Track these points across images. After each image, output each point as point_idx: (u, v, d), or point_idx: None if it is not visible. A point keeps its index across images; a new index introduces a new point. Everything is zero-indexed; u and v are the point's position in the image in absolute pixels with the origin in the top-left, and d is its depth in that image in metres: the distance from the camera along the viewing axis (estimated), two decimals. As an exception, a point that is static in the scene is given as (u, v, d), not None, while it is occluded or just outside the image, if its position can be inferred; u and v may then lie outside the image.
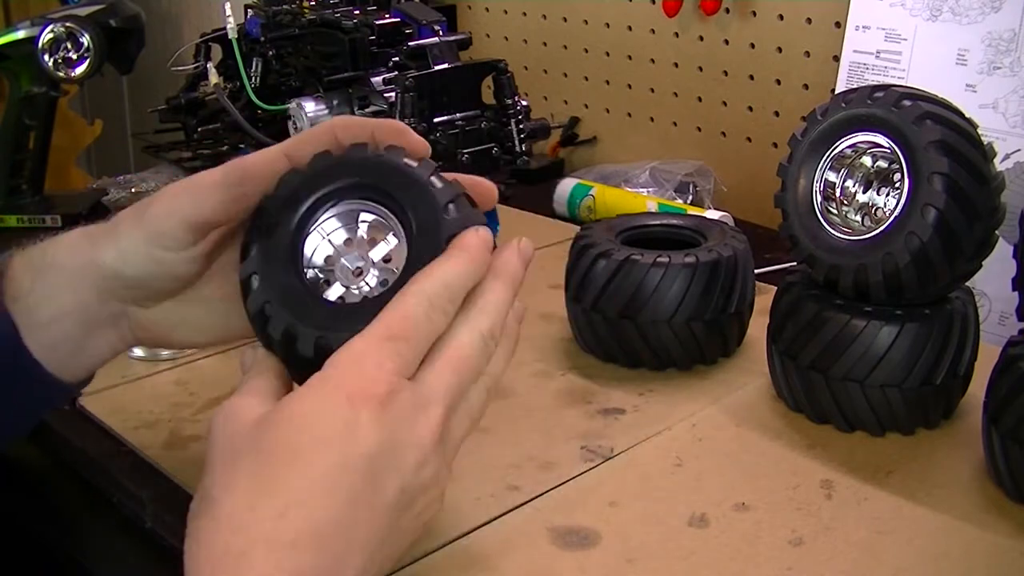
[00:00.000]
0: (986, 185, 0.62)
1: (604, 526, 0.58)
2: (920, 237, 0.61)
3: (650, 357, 0.75)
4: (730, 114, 1.17)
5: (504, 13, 1.42)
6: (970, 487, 0.61)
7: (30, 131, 1.10)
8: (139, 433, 0.68)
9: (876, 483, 0.62)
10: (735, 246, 0.75)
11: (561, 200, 1.14)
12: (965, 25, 0.90)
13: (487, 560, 0.55)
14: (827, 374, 0.65)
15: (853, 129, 0.66)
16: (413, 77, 0.81)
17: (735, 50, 1.15)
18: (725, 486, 0.62)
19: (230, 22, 0.93)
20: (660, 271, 0.72)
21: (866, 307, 0.64)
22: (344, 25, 0.87)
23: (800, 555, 0.55)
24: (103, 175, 1.35)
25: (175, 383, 0.74)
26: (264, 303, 0.48)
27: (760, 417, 0.70)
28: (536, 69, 1.39)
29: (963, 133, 0.62)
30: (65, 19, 1.04)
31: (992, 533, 0.57)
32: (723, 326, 0.75)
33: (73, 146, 1.61)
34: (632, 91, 1.28)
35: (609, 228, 0.80)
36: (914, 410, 0.65)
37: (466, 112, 0.85)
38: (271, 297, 0.48)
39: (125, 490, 0.64)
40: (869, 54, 0.97)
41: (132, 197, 1.23)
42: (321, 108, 0.86)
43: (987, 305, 0.86)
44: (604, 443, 0.66)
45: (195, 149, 1.18)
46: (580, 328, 0.78)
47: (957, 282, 0.66)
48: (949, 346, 0.64)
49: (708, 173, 1.14)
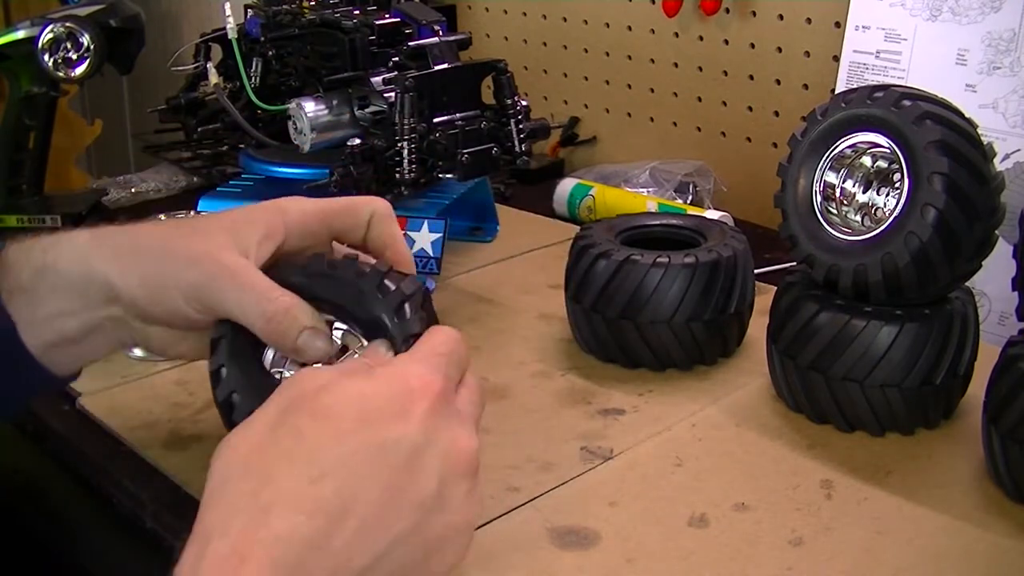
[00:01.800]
0: (986, 185, 0.62)
1: (604, 526, 0.58)
2: (920, 237, 0.61)
3: (650, 357, 0.75)
4: (730, 114, 1.17)
5: (504, 13, 1.41)
6: (970, 487, 0.61)
7: (30, 131, 1.10)
8: (139, 433, 0.68)
9: (876, 483, 0.62)
10: (735, 246, 0.75)
11: (561, 200, 1.14)
12: (965, 25, 0.90)
13: (487, 560, 0.55)
14: (827, 374, 0.65)
15: (853, 129, 0.66)
16: (413, 77, 0.81)
17: (735, 50, 1.15)
18: (725, 486, 0.62)
19: (230, 22, 0.93)
20: (660, 271, 0.72)
21: (866, 307, 0.64)
22: (344, 25, 0.87)
23: (800, 555, 0.55)
24: (103, 175, 1.35)
25: (175, 383, 0.74)
26: (231, 392, 0.53)
27: (760, 417, 0.70)
28: (536, 69, 1.39)
29: (963, 133, 0.62)
30: (65, 19, 1.04)
31: (992, 533, 0.57)
32: (723, 326, 0.75)
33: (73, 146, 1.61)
34: (632, 91, 1.28)
35: (609, 228, 0.80)
36: (914, 410, 0.65)
37: (466, 112, 0.85)
38: (237, 387, 0.53)
39: (125, 490, 0.64)
40: (869, 54, 0.97)
41: (132, 197, 1.23)
42: (321, 108, 0.86)
43: (987, 305, 0.86)
44: (604, 443, 0.66)
45: (195, 149, 1.18)
46: (580, 328, 0.78)
47: (957, 282, 0.66)
48: (949, 346, 0.64)
49: (708, 173, 1.14)
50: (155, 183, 1.25)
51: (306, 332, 0.52)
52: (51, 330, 0.55)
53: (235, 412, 0.53)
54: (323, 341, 0.53)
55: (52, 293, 0.54)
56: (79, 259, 0.55)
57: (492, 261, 0.99)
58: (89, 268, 0.54)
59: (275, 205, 0.58)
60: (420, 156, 0.81)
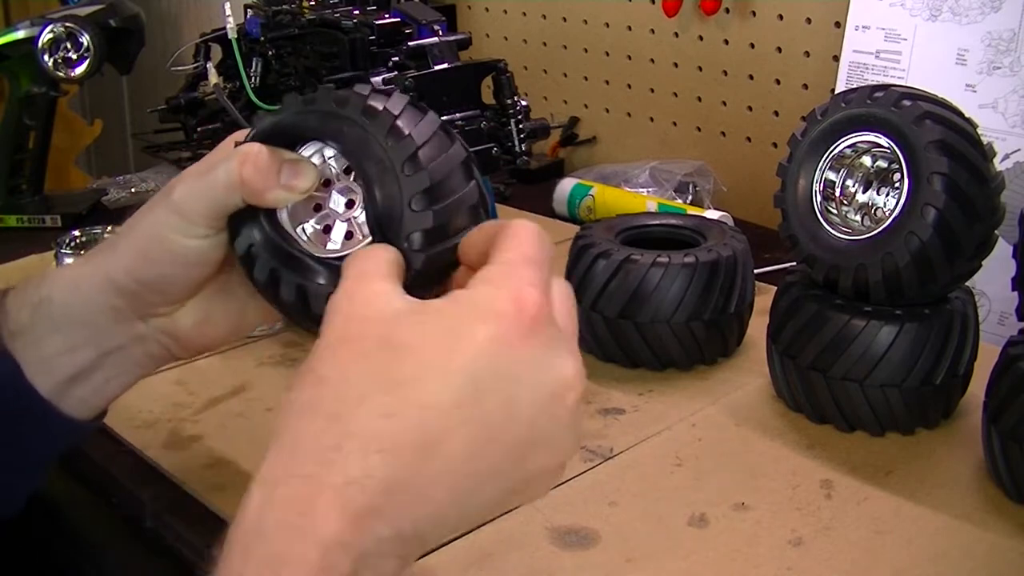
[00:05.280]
0: (986, 185, 0.62)
1: (604, 526, 0.58)
2: (920, 237, 0.61)
3: (650, 357, 0.75)
4: (730, 114, 1.17)
5: (504, 13, 1.41)
6: (970, 487, 0.61)
7: (30, 131, 1.10)
8: (139, 433, 0.68)
9: (876, 483, 0.62)
10: (735, 246, 0.75)
11: (561, 200, 1.14)
12: (965, 25, 0.90)
13: (487, 560, 0.55)
14: (827, 374, 0.65)
15: (853, 129, 0.66)
16: (413, 77, 0.81)
17: (735, 50, 1.15)
18: (725, 486, 0.62)
19: (230, 22, 0.93)
20: (660, 271, 0.72)
21: (866, 307, 0.64)
22: (344, 25, 0.87)
23: (800, 555, 0.55)
24: (103, 175, 1.35)
25: (175, 383, 0.74)
26: (249, 246, 0.47)
27: (760, 417, 0.70)
28: (536, 69, 1.39)
29: (963, 133, 0.62)
30: (65, 19, 1.04)
31: (992, 533, 0.57)
32: (723, 326, 0.75)
33: (73, 146, 1.61)
34: (632, 91, 1.28)
35: (609, 228, 0.80)
36: (914, 410, 0.65)
37: (466, 112, 0.85)
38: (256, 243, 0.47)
39: (125, 490, 0.64)
40: (869, 54, 0.97)
41: (132, 197, 1.23)
42: (321, 108, 0.86)
43: (987, 305, 0.86)
44: (604, 443, 0.66)
45: (195, 149, 1.18)
46: (580, 328, 0.78)
47: (957, 282, 0.66)
48: (949, 346, 0.64)
49: (708, 173, 1.14)
50: (155, 183, 1.25)
51: (286, 165, 0.46)
52: (62, 366, 0.51)
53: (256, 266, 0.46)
54: (307, 167, 0.47)
55: (54, 326, 0.51)
56: (71, 280, 0.51)
57: (492, 261, 0.99)
58: (80, 282, 0.51)
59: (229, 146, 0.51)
60: (420, 156, 0.81)
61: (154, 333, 0.53)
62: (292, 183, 0.47)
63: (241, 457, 0.64)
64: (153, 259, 0.50)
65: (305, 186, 0.47)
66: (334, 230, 0.48)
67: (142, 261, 0.50)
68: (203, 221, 0.48)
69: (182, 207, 0.48)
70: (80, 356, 0.51)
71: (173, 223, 0.49)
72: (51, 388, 0.51)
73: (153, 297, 0.51)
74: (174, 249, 0.49)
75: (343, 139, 0.46)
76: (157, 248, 0.49)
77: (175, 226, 0.49)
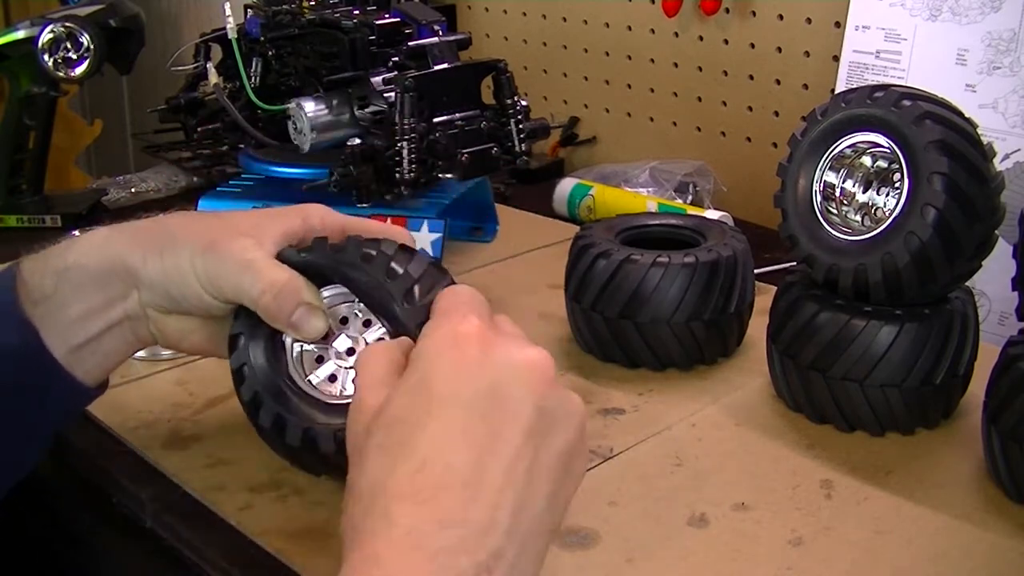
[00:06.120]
0: (986, 185, 0.62)
1: (604, 526, 0.58)
2: (920, 237, 0.61)
3: (650, 357, 0.75)
4: (730, 114, 1.17)
5: (504, 13, 1.42)
6: (970, 487, 0.61)
7: (30, 131, 1.10)
8: (139, 433, 0.68)
9: (875, 483, 0.62)
10: (735, 246, 0.75)
11: (561, 200, 1.14)
12: (965, 25, 0.90)
13: (487, 560, 0.55)
14: (827, 374, 0.65)
15: (853, 129, 0.66)
16: (413, 77, 0.81)
17: (735, 50, 1.15)
18: (725, 486, 0.62)
19: (230, 22, 0.93)
20: (660, 271, 0.72)
21: (866, 307, 0.64)
22: (344, 25, 0.87)
23: (800, 555, 0.55)
24: (103, 175, 1.35)
25: (175, 383, 0.74)
26: (255, 392, 0.55)
27: (760, 417, 0.70)
28: (536, 69, 1.39)
29: (963, 133, 0.62)
30: (65, 19, 1.04)
31: (992, 533, 0.57)
32: (723, 326, 0.75)
33: (73, 146, 1.61)
34: (632, 91, 1.28)
35: (609, 228, 0.80)
36: (914, 410, 0.65)
37: (466, 112, 0.85)
38: (261, 388, 0.56)
39: (125, 490, 0.64)
40: (869, 54, 0.97)
41: (132, 197, 1.23)
42: (321, 108, 0.86)
43: (987, 305, 0.86)
44: (604, 443, 0.66)
45: (195, 149, 1.18)
46: (580, 328, 0.78)
47: (957, 282, 0.66)
48: (949, 346, 0.64)
49: (708, 173, 1.14)
50: (155, 183, 1.25)
51: (302, 307, 0.54)
52: (76, 332, 0.55)
53: (261, 413, 0.55)
54: (319, 319, 0.54)
55: (76, 291, 0.54)
56: (100, 249, 0.55)
57: (492, 261, 0.99)
58: (111, 256, 0.55)
59: (299, 208, 0.59)
60: (420, 156, 0.81)
61: (148, 322, 0.58)
62: (299, 326, 0.55)
63: (241, 457, 0.64)
64: (173, 295, 0.56)
65: (310, 335, 0.55)
66: (322, 368, 0.57)
67: (164, 286, 0.56)
68: (225, 299, 0.56)
69: (214, 279, 0.55)
70: (92, 324, 0.55)
71: (202, 280, 0.55)
72: (65, 353, 0.55)
73: (162, 301, 0.57)
74: (197, 294, 0.56)
75: (367, 297, 0.55)
76: (179, 283, 0.55)
77: (202, 283, 0.55)
